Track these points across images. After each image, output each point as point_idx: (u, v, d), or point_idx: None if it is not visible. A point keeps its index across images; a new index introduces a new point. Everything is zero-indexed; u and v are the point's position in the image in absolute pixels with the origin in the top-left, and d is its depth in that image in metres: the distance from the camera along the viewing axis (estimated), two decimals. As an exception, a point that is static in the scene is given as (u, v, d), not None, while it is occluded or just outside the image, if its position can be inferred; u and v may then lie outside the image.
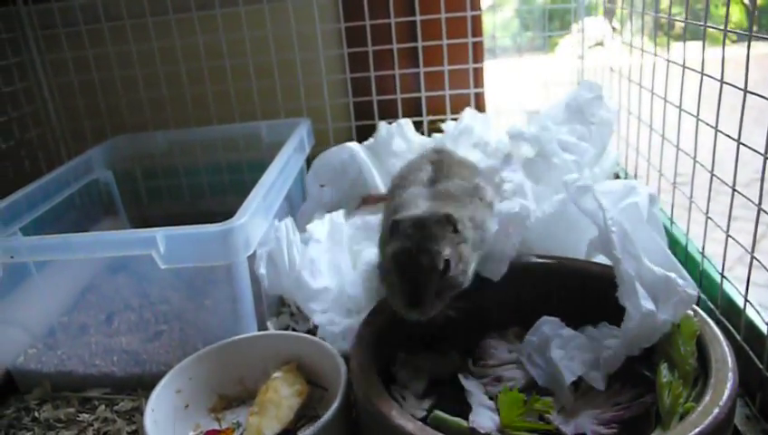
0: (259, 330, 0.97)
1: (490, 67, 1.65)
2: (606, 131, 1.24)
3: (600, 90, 1.29)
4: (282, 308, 1.06)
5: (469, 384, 0.85)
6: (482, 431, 0.75)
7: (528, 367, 0.86)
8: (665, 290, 0.78)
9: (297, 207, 1.34)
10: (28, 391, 0.99)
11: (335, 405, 0.75)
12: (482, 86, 1.64)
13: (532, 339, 0.88)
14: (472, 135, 1.32)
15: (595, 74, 1.54)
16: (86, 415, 0.93)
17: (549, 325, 0.88)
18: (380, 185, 1.32)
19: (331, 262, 1.03)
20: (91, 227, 1.32)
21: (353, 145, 1.36)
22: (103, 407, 0.94)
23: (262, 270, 0.95)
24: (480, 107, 1.62)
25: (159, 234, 0.85)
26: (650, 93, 1.14)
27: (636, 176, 1.27)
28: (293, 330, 1.04)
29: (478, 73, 1.63)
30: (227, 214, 0.90)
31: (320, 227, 1.08)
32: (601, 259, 0.91)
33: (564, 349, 0.85)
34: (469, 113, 1.44)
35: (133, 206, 1.49)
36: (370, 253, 1.03)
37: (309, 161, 1.41)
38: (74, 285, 1.12)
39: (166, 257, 0.86)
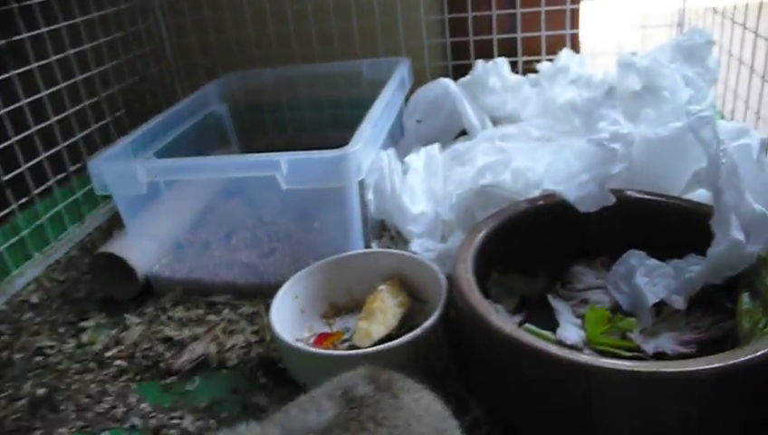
0: (365, 244, 1.08)
1: (587, 8, 1.65)
2: (711, 77, 1.25)
3: (710, 36, 1.29)
4: (382, 232, 1.17)
5: (557, 304, 0.94)
6: (568, 343, 0.83)
7: (613, 292, 0.93)
8: (760, 225, 0.81)
9: (397, 142, 1.43)
10: (163, 294, 1.15)
11: (436, 313, 0.85)
12: (578, 27, 1.66)
13: (618, 269, 0.95)
14: (569, 74, 1.35)
15: (697, 16, 1.53)
16: (213, 316, 1.08)
17: (635, 257, 0.94)
18: (474, 120, 1.38)
19: (428, 190, 1.12)
20: (208, 155, 1.46)
21: (448, 81, 1.43)
22: (228, 310, 1.08)
23: (369, 195, 1.05)
24: (576, 48, 1.64)
25: (283, 158, 0.96)
26: (754, 35, 1.14)
27: (732, 120, 1.28)
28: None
29: (575, 14, 1.64)
30: (327, 147, 1.00)
31: (417, 158, 1.17)
32: (701, 196, 0.95)
33: (649, 276, 0.91)
34: (566, 53, 1.47)
35: (242, 137, 1.62)
36: (462, 179, 1.10)
37: (405, 100, 1.48)
38: (195, 206, 1.26)
39: (288, 179, 0.97)
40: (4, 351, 1.07)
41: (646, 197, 0.97)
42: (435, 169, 1.15)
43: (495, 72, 1.43)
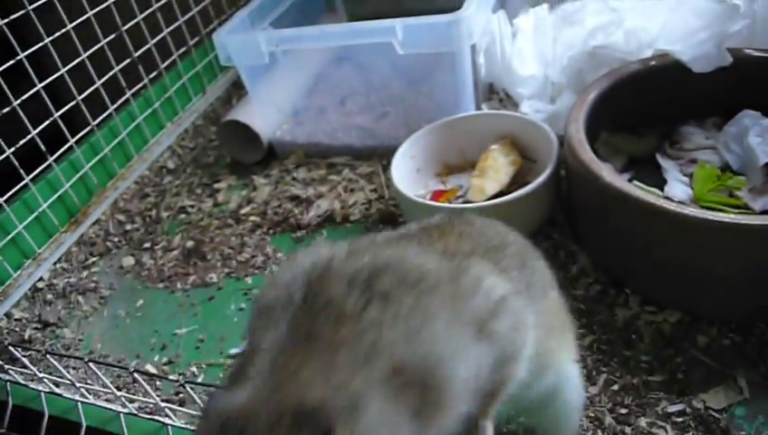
0: (476, 107, 1.13)
1: None
2: None
3: None
4: (491, 95, 1.21)
5: (665, 162, 0.97)
6: (675, 199, 0.88)
7: (723, 152, 0.96)
8: None
9: (505, 3, 1.42)
10: (286, 157, 1.25)
11: (548, 171, 0.91)
12: None
13: (730, 129, 0.96)
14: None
15: None
16: (334, 176, 1.18)
17: (749, 117, 0.95)
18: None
19: (537, 52, 1.14)
20: (317, 23, 1.50)
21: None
22: (347, 170, 1.18)
23: (480, 59, 1.09)
24: None
25: (398, 24, 1.00)
26: None
27: None
28: (500, 115, 1.19)
29: None
30: (433, 12, 1.01)
31: (526, 20, 1.18)
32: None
33: (762, 136, 0.92)
34: None
35: (348, 4, 1.64)
36: (572, 41, 1.11)
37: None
38: (310, 74, 1.33)
39: (403, 44, 1.02)
40: (152, 210, 1.22)
41: (766, 55, 0.95)
42: (544, 31, 1.15)
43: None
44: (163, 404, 0.78)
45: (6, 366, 0.88)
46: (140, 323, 1.01)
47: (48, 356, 0.84)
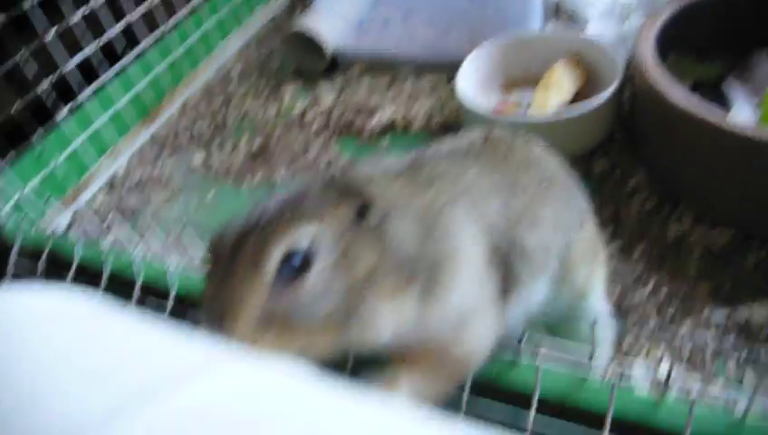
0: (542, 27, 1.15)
1: None
2: None
3: None
4: (558, 14, 1.21)
5: (732, 89, 0.98)
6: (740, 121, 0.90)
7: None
8: None
9: None
10: (349, 67, 1.29)
11: (612, 88, 0.93)
12: None
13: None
14: None
15: None
16: (397, 87, 1.21)
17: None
18: None
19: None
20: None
21: None
22: (410, 81, 1.21)
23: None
24: None
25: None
26: None
27: None
28: (565, 34, 1.20)
29: None
30: None
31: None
32: None
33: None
34: None
35: None
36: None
37: None
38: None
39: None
40: (220, 112, 1.28)
41: None
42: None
43: None
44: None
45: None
46: (209, 216, 1.08)
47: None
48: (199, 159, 1.18)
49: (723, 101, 0.97)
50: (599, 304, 0.67)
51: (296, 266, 0.42)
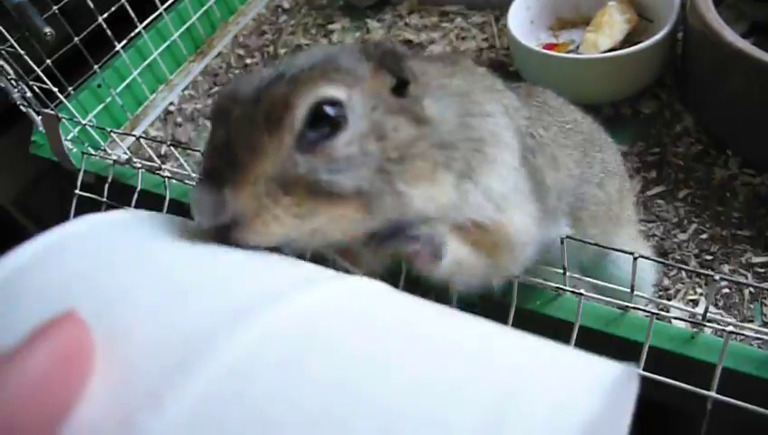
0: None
1: None
2: None
3: None
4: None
5: (791, 29, 0.96)
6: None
7: None
8: None
9: None
10: (399, 3, 1.29)
11: (665, 29, 0.92)
12: None
13: None
14: None
15: None
16: (447, 24, 1.21)
17: None
18: None
19: None
20: None
21: None
22: (460, 19, 1.21)
23: None
24: None
25: None
26: None
27: None
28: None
29: None
30: None
31: None
32: None
33: None
34: None
35: None
36: None
37: None
38: None
39: None
40: (270, 46, 1.30)
41: None
42: None
43: None
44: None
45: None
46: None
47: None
48: (250, 94, 1.21)
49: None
50: (631, 244, 0.69)
51: (324, 126, 0.38)
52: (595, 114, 0.98)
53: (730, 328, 0.52)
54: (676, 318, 0.66)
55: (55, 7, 1.01)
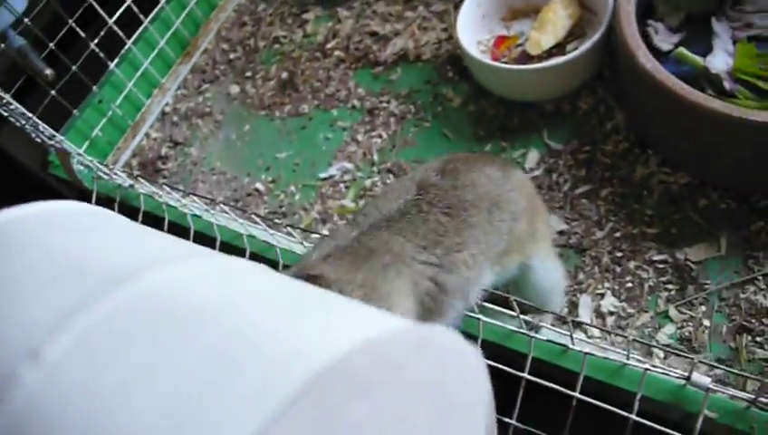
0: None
1: None
2: None
3: None
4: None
5: (719, 27, 1.06)
6: (713, 72, 0.99)
7: (778, 13, 1.03)
8: None
9: None
10: (366, -12, 1.40)
11: (595, 37, 1.03)
12: None
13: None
14: None
15: None
16: (410, 12, 1.33)
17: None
18: None
19: None
20: None
21: None
22: (422, 7, 1.32)
23: None
24: None
25: None
26: None
27: None
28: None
29: None
30: None
31: None
32: None
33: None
34: None
35: None
36: None
37: None
38: None
39: None
40: (251, 39, 1.43)
41: None
42: None
43: None
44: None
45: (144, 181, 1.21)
46: (249, 146, 1.29)
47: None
48: (235, 90, 1.37)
49: (708, 42, 1.05)
50: (546, 265, 0.86)
51: None
52: (536, 111, 1.13)
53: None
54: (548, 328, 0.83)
55: (51, 44, 1.17)
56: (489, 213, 0.76)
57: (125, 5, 1.26)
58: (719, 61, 1.01)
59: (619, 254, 0.96)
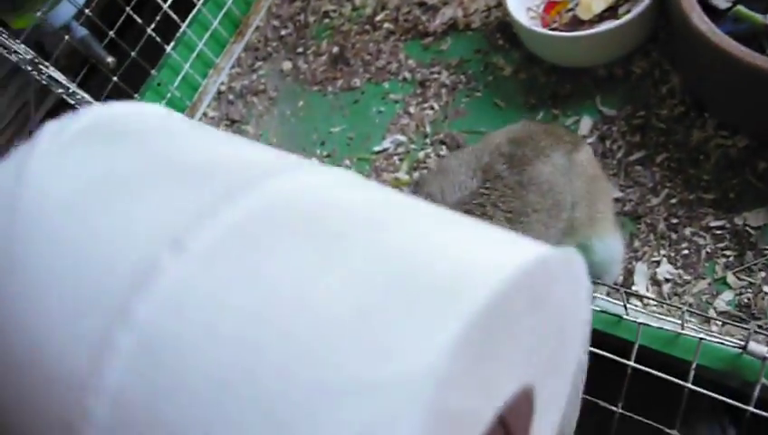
0: None
1: None
2: None
3: None
4: None
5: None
6: (772, 27, 0.97)
7: None
8: None
9: None
10: (414, -44, 1.39)
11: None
12: None
13: None
14: None
15: None
16: (458, -20, 1.32)
17: None
18: None
19: None
20: None
21: None
22: (470, -25, 1.31)
23: None
24: None
25: None
26: None
27: None
28: None
29: None
30: None
31: None
32: None
33: None
34: None
35: None
36: None
37: None
38: None
39: None
40: (301, 14, 1.45)
41: None
42: None
43: None
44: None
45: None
46: (303, 122, 1.32)
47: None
48: (288, 66, 1.40)
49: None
50: (605, 242, 0.87)
51: None
52: (589, 77, 1.12)
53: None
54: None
55: (111, 32, 1.22)
56: (549, 215, 0.76)
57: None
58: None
59: (675, 220, 0.96)
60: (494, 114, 1.16)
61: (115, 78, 1.22)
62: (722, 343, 0.73)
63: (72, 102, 1.14)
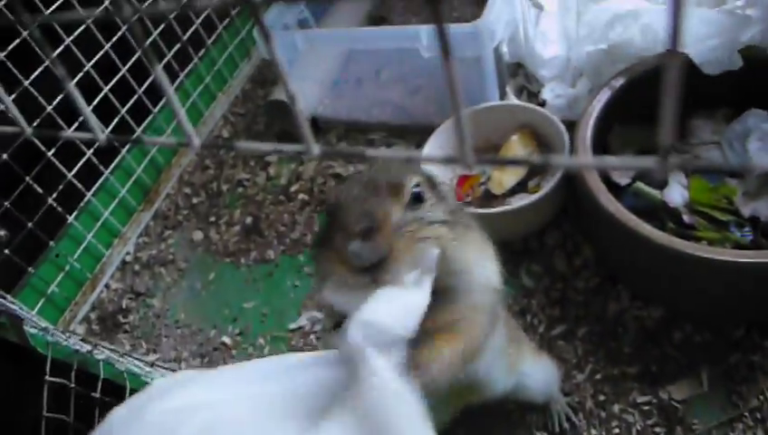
0: (500, 95, 1.27)
1: None
2: None
3: None
4: (518, 70, 1.33)
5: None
6: (671, 205, 1.03)
7: (726, 150, 1.09)
8: None
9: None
10: (328, 131, 1.44)
11: (554, 181, 1.07)
12: None
13: (735, 127, 1.08)
14: None
15: None
16: (372, 150, 1.36)
17: (754, 118, 1.06)
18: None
19: (561, 30, 1.25)
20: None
21: None
22: (383, 148, 1.36)
23: (504, 47, 1.21)
24: None
25: (423, 31, 1.14)
26: None
27: None
28: (527, 90, 1.33)
29: None
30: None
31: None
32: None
33: (763, 141, 1.05)
34: None
35: None
36: (594, 23, 1.21)
37: None
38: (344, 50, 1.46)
39: (428, 48, 1.15)
40: (213, 183, 1.45)
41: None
42: (569, 5, 1.25)
43: None
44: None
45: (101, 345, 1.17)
46: (214, 296, 1.27)
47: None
48: (199, 237, 1.36)
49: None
50: (534, 366, 0.84)
51: (416, 196, 0.62)
52: (505, 249, 1.14)
53: None
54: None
55: (6, 203, 1.15)
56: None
57: (85, 158, 1.26)
58: (675, 194, 1.05)
59: (602, 397, 0.95)
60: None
61: (6, 250, 1.15)
62: None
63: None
